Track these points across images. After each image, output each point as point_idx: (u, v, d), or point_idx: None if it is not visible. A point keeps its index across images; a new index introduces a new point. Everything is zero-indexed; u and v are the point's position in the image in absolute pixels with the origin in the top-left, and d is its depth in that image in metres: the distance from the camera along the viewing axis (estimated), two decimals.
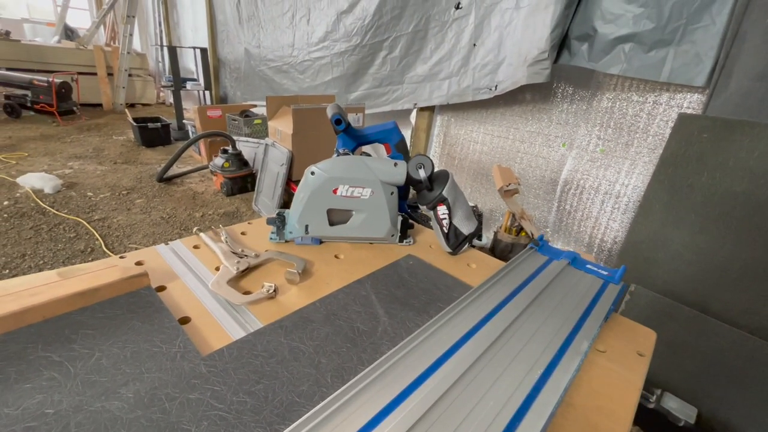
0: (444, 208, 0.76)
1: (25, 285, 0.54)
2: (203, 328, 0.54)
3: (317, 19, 3.44)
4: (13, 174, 3.31)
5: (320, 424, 0.39)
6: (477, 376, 0.48)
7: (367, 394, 0.44)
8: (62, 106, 5.23)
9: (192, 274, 0.66)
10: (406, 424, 0.40)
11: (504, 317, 0.60)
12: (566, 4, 1.91)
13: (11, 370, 0.44)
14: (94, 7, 10.89)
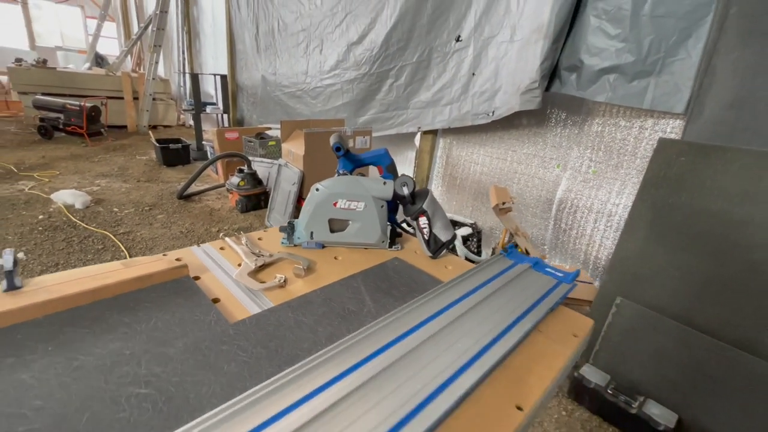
0: (425, 219, 0.93)
1: (101, 270, 0.73)
2: (229, 306, 0.72)
3: (329, 49, 3.74)
4: (47, 191, 3.62)
5: (316, 366, 0.56)
6: (436, 344, 0.64)
7: (351, 352, 0.60)
8: (91, 128, 5.65)
9: (219, 269, 0.85)
10: (380, 366, 0.56)
11: (465, 305, 0.76)
12: (554, 39, 2.11)
13: (96, 328, 0.62)
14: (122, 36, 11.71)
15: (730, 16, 1.74)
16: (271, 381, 0.52)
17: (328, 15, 3.68)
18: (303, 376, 0.54)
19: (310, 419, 0.47)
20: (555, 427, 1.61)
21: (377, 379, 0.55)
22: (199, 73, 6.09)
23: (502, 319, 0.72)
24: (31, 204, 3.34)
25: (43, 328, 0.60)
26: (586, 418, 1.66)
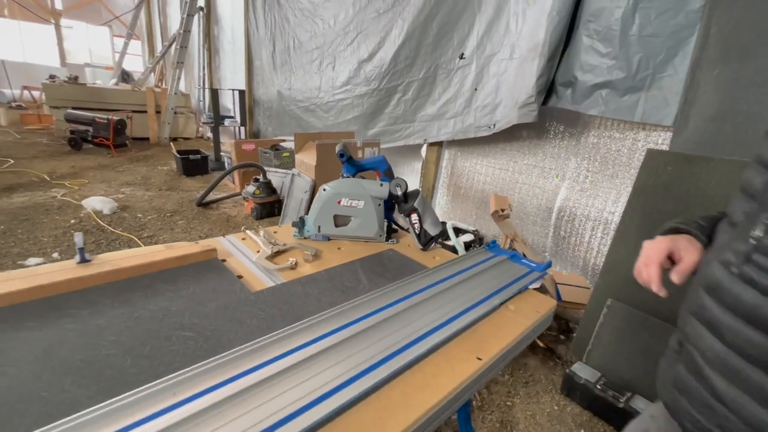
0: (416, 216, 1.09)
1: (148, 251, 0.91)
2: (250, 281, 0.89)
3: (341, 66, 3.99)
4: (77, 198, 3.90)
5: (319, 323, 0.72)
6: (416, 311, 0.79)
7: (347, 314, 0.76)
8: (117, 140, 6.02)
9: (241, 254, 1.02)
10: (370, 324, 0.72)
11: (445, 285, 0.91)
12: (548, 57, 2.28)
13: (148, 292, 0.80)
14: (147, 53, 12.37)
15: (710, 35, 1.88)
16: (283, 331, 0.68)
17: (341, 34, 3.94)
18: (308, 329, 0.70)
19: (314, 354, 0.63)
20: (547, 420, 1.72)
21: (367, 332, 0.71)
22: (218, 88, 6.44)
23: (475, 296, 0.87)
24: (63, 210, 3.62)
25: (108, 291, 0.78)
26: (577, 412, 1.75)
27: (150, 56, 11.67)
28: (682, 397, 0.60)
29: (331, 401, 0.55)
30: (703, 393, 0.55)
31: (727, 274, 0.53)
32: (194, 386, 0.55)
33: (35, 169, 4.88)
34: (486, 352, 0.72)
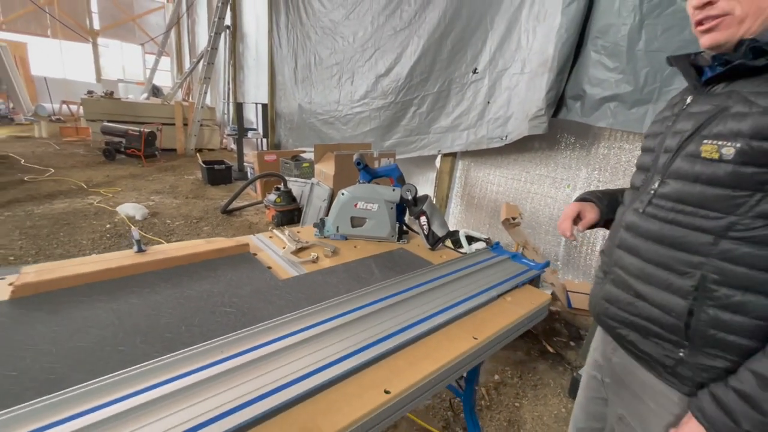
0: (424, 218, 1.22)
1: (192, 244, 1.06)
2: (278, 271, 1.03)
3: (359, 81, 4.19)
4: (111, 204, 4.20)
5: (337, 305, 0.84)
6: (421, 299, 0.91)
7: (361, 299, 0.88)
8: (147, 151, 6.40)
9: (269, 249, 1.16)
10: (381, 307, 0.84)
11: (449, 278, 1.03)
12: (557, 72, 2.39)
13: (194, 276, 0.95)
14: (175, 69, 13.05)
15: None
16: (306, 309, 0.82)
17: (359, 50, 4.15)
18: (327, 309, 0.83)
19: (332, 328, 0.76)
20: (554, 421, 1.77)
21: (378, 313, 0.83)
22: (242, 102, 6.78)
23: (476, 288, 0.99)
24: (99, 215, 3.91)
25: (161, 275, 0.94)
26: None
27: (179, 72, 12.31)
28: (611, 305, 0.82)
29: (346, 363, 0.67)
30: (627, 296, 0.78)
31: (638, 215, 0.77)
32: (236, 347, 0.68)
33: (74, 177, 5.25)
34: (481, 333, 0.83)
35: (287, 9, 5.49)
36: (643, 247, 0.75)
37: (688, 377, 0.70)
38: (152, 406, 0.54)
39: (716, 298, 0.67)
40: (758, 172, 0.61)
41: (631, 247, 0.78)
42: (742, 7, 0.60)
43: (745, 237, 0.64)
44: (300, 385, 0.61)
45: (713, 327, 0.67)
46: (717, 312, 0.67)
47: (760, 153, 0.61)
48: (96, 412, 0.52)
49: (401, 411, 0.66)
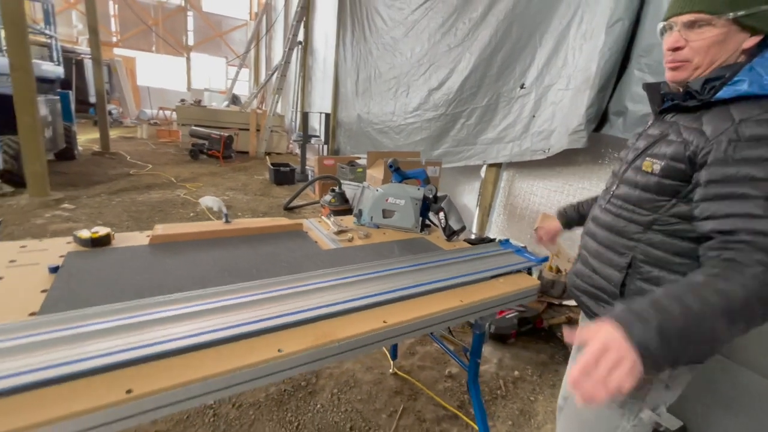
0: (442, 214, 1.49)
1: (263, 220, 1.45)
2: (322, 244, 1.37)
3: (414, 94, 4.53)
4: (194, 197, 4.95)
5: (362, 268, 1.15)
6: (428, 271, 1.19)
7: (380, 265, 1.18)
8: (225, 153, 7.32)
9: (317, 230, 1.52)
10: (396, 273, 1.14)
11: (455, 260, 1.29)
12: (599, 89, 2.51)
13: (262, 241, 1.32)
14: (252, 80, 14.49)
15: None
16: (338, 268, 1.14)
17: (415, 65, 4.50)
18: (354, 270, 1.14)
19: (358, 281, 1.07)
20: None
21: (391, 276, 1.13)
22: (308, 111, 7.48)
23: (473, 269, 1.24)
24: (185, 205, 4.66)
25: (241, 239, 1.32)
26: None
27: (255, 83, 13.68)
28: (577, 279, 1.06)
29: (358, 302, 0.97)
30: (586, 271, 1.03)
31: (600, 210, 1.02)
32: (287, 283, 1.02)
33: (166, 173, 6.22)
34: (467, 298, 1.09)
35: (353, 27, 6.04)
36: (599, 233, 1.00)
37: None
38: (235, 308, 0.89)
39: (641, 272, 0.90)
40: (674, 184, 0.83)
41: (592, 234, 1.03)
42: (699, 58, 0.82)
43: (663, 229, 0.85)
44: (326, 309, 0.93)
45: (638, 294, 0.90)
46: (641, 283, 0.90)
47: (674, 171, 0.83)
48: (202, 306, 0.88)
49: (392, 339, 0.95)
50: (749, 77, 0.75)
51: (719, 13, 0.77)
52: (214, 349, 0.77)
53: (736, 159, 0.73)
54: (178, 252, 1.18)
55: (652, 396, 0.92)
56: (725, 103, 0.78)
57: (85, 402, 0.62)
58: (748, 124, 0.73)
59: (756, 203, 0.70)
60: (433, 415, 1.85)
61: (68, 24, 13.03)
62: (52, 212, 4.02)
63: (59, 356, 0.68)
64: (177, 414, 1.71)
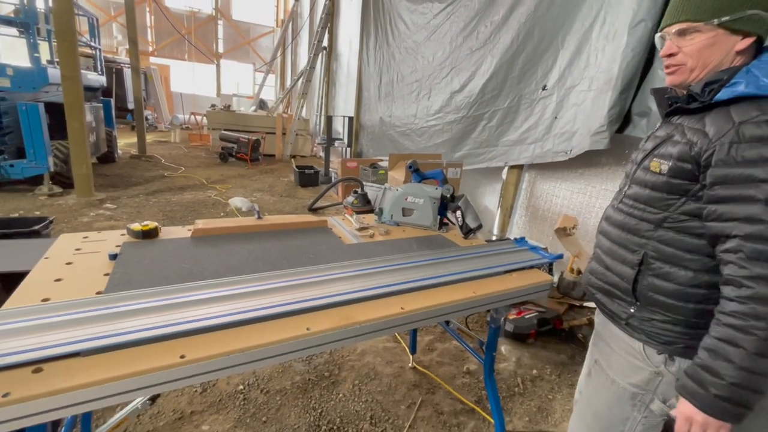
0: (459, 212, 1.56)
1: (291, 218, 1.57)
2: (345, 239, 1.47)
3: (435, 96, 4.59)
4: (224, 198, 5.20)
5: (382, 261, 1.25)
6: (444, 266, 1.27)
7: (399, 259, 1.27)
8: (253, 156, 7.61)
9: (341, 226, 1.62)
10: (413, 266, 1.22)
11: (471, 256, 1.36)
12: (621, 91, 2.51)
13: (290, 236, 1.43)
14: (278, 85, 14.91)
15: None
16: (360, 260, 1.23)
17: (437, 69, 4.57)
18: (374, 262, 1.24)
19: (379, 272, 1.16)
20: None
21: (407, 269, 1.21)
22: (332, 115, 7.67)
23: (487, 263, 1.31)
24: (215, 205, 4.90)
25: (272, 234, 1.44)
26: None
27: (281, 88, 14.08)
28: (591, 276, 1.10)
29: (377, 290, 1.06)
30: (600, 268, 1.06)
31: (613, 209, 1.06)
32: (314, 272, 1.12)
33: (198, 175, 6.54)
34: (480, 290, 1.16)
35: (376, 32, 6.17)
36: (612, 232, 1.04)
37: (637, 326, 0.98)
38: (268, 292, 1.00)
39: (653, 269, 0.94)
40: (683, 183, 0.88)
41: (606, 232, 1.06)
42: (692, 61, 0.87)
43: (673, 227, 0.90)
44: (348, 296, 1.02)
45: (651, 290, 0.94)
46: (653, 279, 0.94)
47: (681, 170, 0.87)
48: (240, 290, 0.99)
49: (408, 325, 1.03)
50: (746, 79, 0.79)
51: (704, 20, 0.83)
52: (250, 326, 0.88)
53: (738, 161, 0.77)
54: (216, 244, 1.31)
55: (663, 388, 0.95)
56: (725, 104, 0.82)
57: (147, 363, 0.74)
58: (747, 126, 0.77)
59: (757, 206, 0.74)
60: (451, 409, 1.91)
61: (109, 35, 13.87)
62: (96, 211, 4.34)
63: (125, 326, 0.81)
64: (211, 396, 1.85)
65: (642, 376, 0.97)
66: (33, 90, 4.75)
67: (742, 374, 0.74)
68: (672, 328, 0.91)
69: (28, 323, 0.79)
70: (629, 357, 0.99)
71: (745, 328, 0.74)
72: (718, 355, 0.77)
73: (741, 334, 0.74)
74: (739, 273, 0.76)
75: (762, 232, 0.74)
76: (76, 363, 0.72)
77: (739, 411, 0.76)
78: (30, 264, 1.09)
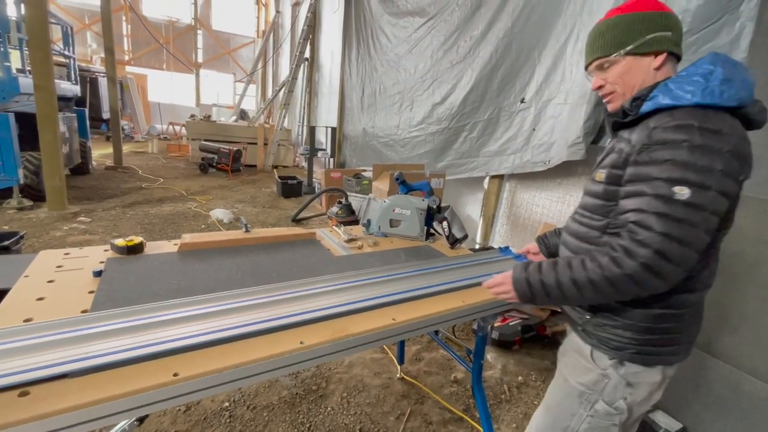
0: (446, 223, 1.60)
1: (278, 230, 1.56)
2: (333, 251, 1.48)
3: (418, 108, 4.68)
4: (205, 209, 5.10)
5: (370, 273, 1.26)
6: (432, 276, 1.29)
7: (387, 270, 1.29)
8: (234, 166, 7.52)
9: (329, 238, 1.63)
10: (399, 278, 1.24)
11: (457, 266, 1.39)
12: (595, 104, 2.63)
13: (279, 249, 1.43)
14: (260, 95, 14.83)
15: None
16: (348, 272, 1.24)
17: (419, 81, 4.66)
18: (363, 274, 1.25)
19: (367, 284, 1.18)
20: None
21: (396, 280, 1.23)
22: (314, 125, 7.68)
23: (474, 273, 1.34)
24: (196, 217, 4.81)
25: (260, 247, 1.44)
26: None
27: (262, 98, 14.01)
28: None
29: (368, 302, 1.08)
30: None
31: (571, 219, 1.10)
32: (303, 286, 1.13)
33: (177, 186, 6.40)
34: (469, 300, 1.18)
35: (358, 44, 6.26)
36: (570, 241, 1.09)
37: (590, 331, 1.03)
38: (260, 306, 1.00)
39: None
40: (616, 189, 0.94)
41: (565, 242, 1.11)
42: (620, 87, 0.95)
43: (614, 232, 0.95)
44: (341, 308, 1.03)
45: None
46: None
47: (614, 177, 0.94)
48: (232, 305, 0.99)
49: (400, 336, 1.05)
50: (662, 92, 0.87)
51: (612, 54, 0.93)
52: (243, 341, 0.88)
53: (644, 161, 0.85)
54: (204, 258, 1.30)
55: (609, 390, 1.00)
56: (649, 115, 0.89)
57: (139, 383, 0.73)
58: (657, 130, 0.84)
59: (647, 200, 0.82)
60: (440, 418, 1.92)
61: (83, 44, 13.52)
62: (69, 225, 4.18)
63: (114, 345, 0.79)
64: (195, 415, 1.80)
65: (590, 377, 1.02)
66: (2, 100, 4.57)
67: (554, 282, 0.92)
68: (623, 333, 0.96)
69: (12, 345, 0.77)
70: (580, 358, 1.05)
71: (589, 266, 0.87)
72: (556, 266, 0.93)
73: (580, 266, 0.89)
74: (617, 241, 0.86)
75: (642, 220, 0.82)
76: (64, 385, 0.71)
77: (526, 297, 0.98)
78: (4, 281, 1.05)
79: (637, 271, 0.81)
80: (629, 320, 0.95)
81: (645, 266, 0.81)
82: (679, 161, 0.79)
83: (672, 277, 0.82)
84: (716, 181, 0.78)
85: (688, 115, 0.82)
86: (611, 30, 0.93)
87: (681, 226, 0.79)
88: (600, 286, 0.87)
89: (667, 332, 0.95)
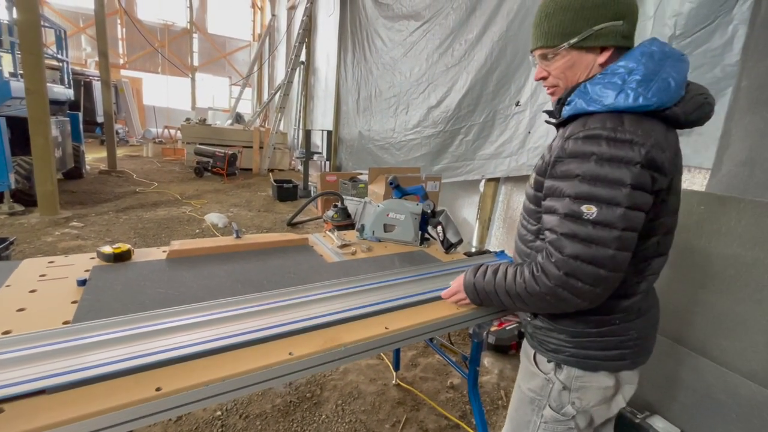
0: (440, 227, 1.58)
1: (270, 236, 1.54)
2: (327, 257, 1.46)
3: (413, 111, 4.67)
4: (200, 214, 5.06)
5: (363, 279, 1.24)
6: (426, 282, 1.27)
7: (380, 277, 1.27)
8: (229, 170, 7.48)
9: (322, 244, 1.60)
10: (389, 285, 1.22)
11: (451, 271, 1.37)
12: None
13: (271, 255, 1.40)
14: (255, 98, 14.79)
15: (742, 87, 2.08)
16: (342, 279, 1.22)
17: (414, 84, 4.66)
18: (357, 281, 1.23)
19: (360, 291, 1.15)
20: None
21: (391, 287, 1.21)
22: (310, 129, 7.66)
23: None
24: (190, 222, 4.76)
25: (251, 253, 1.41)
26: None
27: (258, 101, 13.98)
28: None
29: (361, 310, 1.05)
30: None
31: (519, 225, 1.06)
32: (296, 293, 1.10)
33: (172, 190, 6.35)
34: (464, 307, 1.16)
35: (354, 48, 6.25)
36: (517, 244, 1.08)
37: (532, 334, 1.03)
38: (249, 316, 0.97)
39: None
40: (542, 196, 0.91)
41: (515, 245, 1.10)
42: (562, 81, 0.90)
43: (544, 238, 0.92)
44: (332, 317, 1.01)
45: None
46: None
47: (539, 183, 0.92)
48: (220, 314, 0.96)
49: (393, 345, 1.02)
50: (579, 95, 0.83)
51: (556, 46, 0.85)
52: (231, 353, 0.85)
53: (557, 174, 0.83)
54: (193, 266, 1.27)
55: (555, 395, 0.98)
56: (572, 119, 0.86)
57: (121, 398, 0.70)
58: (569, 142, 0.80)
59: (558, 220, 0.81)
60: (436, 425, 1.89)
61: (77, 47, 13.45)
62: (61, 230, 4.13)
63: (95, 359, 0.76)
64: (186, 425, 1.76)
65: (536, 382, 1.01)
66: None
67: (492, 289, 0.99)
68: (557, 336, 0.96)
69: None
70: (528, 363, 1.05)
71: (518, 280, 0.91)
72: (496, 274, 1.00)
73: (512, 277, 0.93)
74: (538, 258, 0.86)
75: (554, 241, 0.81)
76: (41, 401, 0.68)
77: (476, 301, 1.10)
78: None
79: (552, 291, 0.82)
80: (561, 324, 0.95)
81: (559, 287, 0.81)
82: (587, 176, 0.76)
83: (590, 296, 0.81)
84: (626, 197, 0.75)
85: (599, 123, 0.78)
86: (558, 14, 0.84)
87: (589, 247, 0.77)
88: (527, 300, 0.90)
89: (602, 336, 0.92)
